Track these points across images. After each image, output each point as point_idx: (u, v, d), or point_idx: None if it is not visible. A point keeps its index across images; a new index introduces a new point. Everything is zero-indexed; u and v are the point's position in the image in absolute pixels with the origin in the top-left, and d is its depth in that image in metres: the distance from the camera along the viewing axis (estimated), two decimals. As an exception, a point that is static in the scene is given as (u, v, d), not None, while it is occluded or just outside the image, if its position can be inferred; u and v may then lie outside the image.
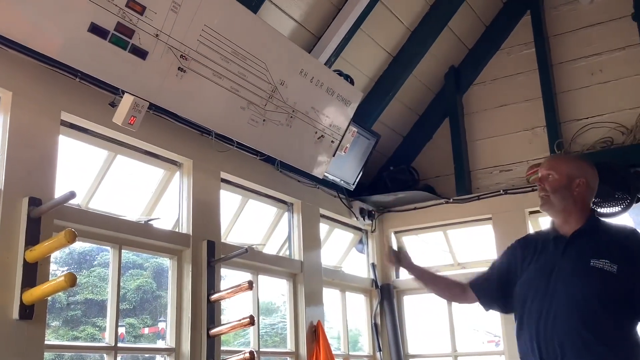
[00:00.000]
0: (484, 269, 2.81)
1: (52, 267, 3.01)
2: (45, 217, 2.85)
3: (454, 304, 5.29)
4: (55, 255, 2.99)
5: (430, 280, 2.87)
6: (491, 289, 2.68)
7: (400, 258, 2.83)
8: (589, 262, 2.36)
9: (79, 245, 4.05)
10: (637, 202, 4.49)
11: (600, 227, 2.50)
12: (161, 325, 4.21)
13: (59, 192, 2.92)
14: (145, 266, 5.31)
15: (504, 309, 2.71)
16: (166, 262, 3.71)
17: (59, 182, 2.99)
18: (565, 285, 2.37)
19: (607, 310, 2.31)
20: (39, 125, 2.95)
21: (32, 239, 2.77)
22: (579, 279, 2.36)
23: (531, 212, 4.90)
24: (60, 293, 3.63)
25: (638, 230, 2.57)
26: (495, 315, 2.69)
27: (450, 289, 2.86)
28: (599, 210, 4.51)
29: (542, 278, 2.43)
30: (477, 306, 2.77)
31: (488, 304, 2.73)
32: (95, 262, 4.80)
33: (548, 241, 2.52)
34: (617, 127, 4.81)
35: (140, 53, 2.85)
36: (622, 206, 4.46)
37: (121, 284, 3.36)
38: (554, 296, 2.37)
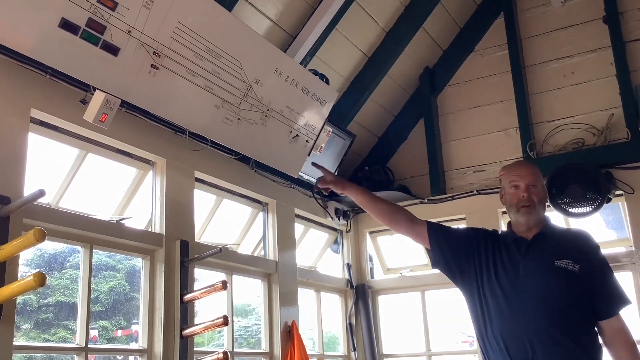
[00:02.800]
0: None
1: (23, 269, 2.95)
2: (14, 216, 2.80)
3: (427, 298, 5.32)
4: (25, 257, 2.94)
5: (371, 198, 2.78)
6: (447, 244, 2.64)
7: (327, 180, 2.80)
8: (553, 262, 2.44)
9: (50, 247, 3.98)
10: (607, 202, 4.56)
11: (556, 231, 2.62)
12: (134, 327, 4.15)
13: (28, 190, 2.87)
14: (118, 268, 5.23)
15: (447, 269, 2.66)
16: (139, 263, 3.67)
17: (29, 180, 2.93)
18: (532, 284, 2.42)
19: (574, 308, 2.39)
20: (7, 122, 2.89)
21: (0, 238, 2.72)
22: (545, 277, 2.42)
23: (504, 212, 4.94)
24: (31, 295, 3.57)
25: (606, 230, 2.64)
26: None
27: (394, 212, 2.76)
28: (570, 210, 4.58)
29: (507, 277, 2.48)
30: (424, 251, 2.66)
31: (438, 253, 2.66)
32: (67, 264, 4.72)
33: (509, 242, 2.57)
34: (589, 129, 4.88)
35: (112, 49, 2.81)
36: (592, 206, 4.53)
37: (93, 285, 3.31)
38: (521, 295, 2.42)
